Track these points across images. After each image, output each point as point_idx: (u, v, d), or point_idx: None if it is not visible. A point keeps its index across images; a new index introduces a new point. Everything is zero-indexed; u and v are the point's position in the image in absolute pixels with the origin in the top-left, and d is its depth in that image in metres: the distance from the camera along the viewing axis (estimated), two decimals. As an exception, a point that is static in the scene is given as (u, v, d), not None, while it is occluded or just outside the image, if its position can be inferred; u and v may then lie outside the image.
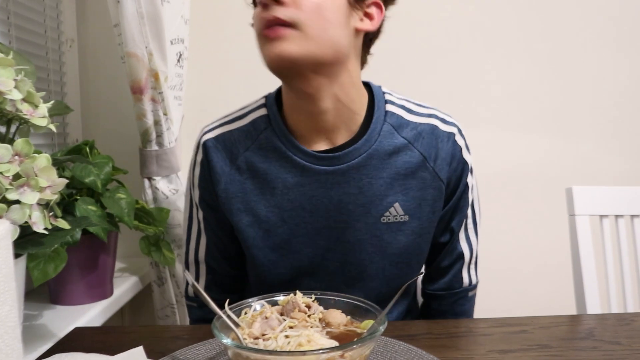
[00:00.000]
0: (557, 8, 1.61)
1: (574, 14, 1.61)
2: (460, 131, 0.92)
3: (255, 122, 0.90)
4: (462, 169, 0.91)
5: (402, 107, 0.91)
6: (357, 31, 0.83)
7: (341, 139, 0.88)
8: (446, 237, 0.96)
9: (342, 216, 0.87)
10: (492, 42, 1.61)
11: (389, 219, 0.87)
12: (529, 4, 1.60)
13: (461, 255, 0.96)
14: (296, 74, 0.80)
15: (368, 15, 0.84)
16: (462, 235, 0.95)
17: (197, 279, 0.98)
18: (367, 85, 0.92)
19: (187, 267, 1.00)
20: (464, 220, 0.95)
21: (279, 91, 0.93)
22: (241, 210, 0.89)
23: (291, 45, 0.76)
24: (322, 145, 0.88)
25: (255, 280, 0.95)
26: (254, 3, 0.83)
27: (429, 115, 0.90)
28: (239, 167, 0.89)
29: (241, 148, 0.89)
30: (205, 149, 0.91)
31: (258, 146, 0.89)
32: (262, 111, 0.91)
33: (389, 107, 0.89)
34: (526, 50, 1.61)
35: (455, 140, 0.90)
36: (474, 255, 0.97)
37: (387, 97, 0.91)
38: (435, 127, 0.89)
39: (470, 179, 0.93)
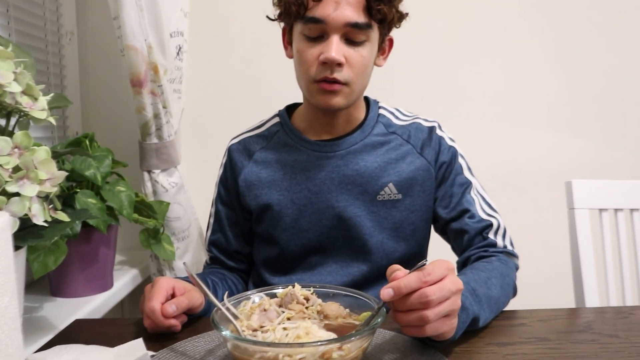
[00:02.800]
0: (557, 4, 1.60)
1: (574, 11, 1.60)
2: (440, 126, 1.07)
3: (269, 128, 1.09)
4: (449, 152, 1.04)
5: (392, 113, 1.08)
6: (374, 66, 1.01)
7: (341, 132, 1.04)
8: (460, 209, 1.01)
9: (342, 196, 1.00)
10: (492, 39, 1.60)
11: (384, 197, 1.00)
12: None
13: (483, 222, 1.00)
14: (335, 111, 1.00)
15: (382, 51, 1.02)
16: (477, 208, 1.01)
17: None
18: (365, 98, 1.09)
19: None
20: (469, 191, 1.02)
21: (288, 106, 1.12)
22: (258, 195, 1.04)
23: (341, 99, 0.95)
24: (325, 137, 1.04)
25: (272, 259, 1.06)
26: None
27: (413, 118, 1.08)
28: (256, 160, 1.06)
29: (258, 147, 1.07)
30: (229, 152, 1.10)
31: (272, 145, 1.06)
32: (275, 120, 1.10)
33: (381, 111, 1.08)
34: (525, 47, 1.61)
35: (437, 133, 1.05)
36: (500, 225, 1.01)
37: (380, 104, 1.09)
38: (419, 124, 1.06)
39: (460, 160, 1.05)
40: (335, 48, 0.90)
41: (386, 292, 0.62)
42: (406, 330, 0.66)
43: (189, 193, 1.42)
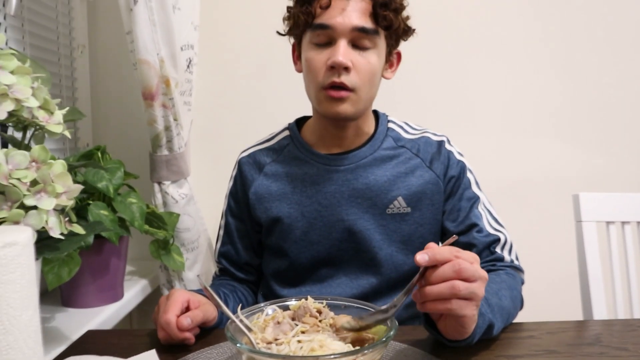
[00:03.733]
0: (562, 12, 1.61)
1: (580, 19, 1.62)
2: (449, 140, 1.08)
3: (280, 142, 1.10)
4: (458, 167, 1.05)
5: (401, 127, 1.09)
6: (381, 78, 1.02)
7: (351, 146, 1.05)
8: (468, 223, 1.02)
9: (352, 209, 1.01)
10: (498, 47, 1.62)
11: (393, 211, 1.01)
12: (534, 7, 1.61)
13: (491, 237, 1.01)
14: (343, 122, 1.00)
15: (390, 64, 1.04)
16: (485, 222, 1.03)
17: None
18: (374, 111, 1.10)
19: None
20: (477, 206, 1.04)
21: (298, 120, 1.13)
22: (268, 208, 1.05)
23: (348, 107, 0.95)
24: (335, 151, 1.05)
25: (282, 272, 1.06)
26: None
27: (422, 132, 1.08)
28: (266, 174, 1.07)
29: (268, 160, 1.08)
30: (240, 165, 1.11)
31: (282, 158, 1.07)
32: (285, 133, 1.11)
33: (390, 125, 1.08)
34: (533, 56, 1.62)
35: (446, 147, 1.06)
36: (507, 240, 1.02)
37: (389, 118, 1.10)
38: (428, 138, 1.07)
39: (469, 175, 1.06)
40: (343, 52, 0.92)
41: (421, 256, 0.64)
42: (431, 305, 0.65)
43: (199, 204, 1.43)
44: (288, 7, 1.01)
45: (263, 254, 1.12)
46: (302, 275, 1.05)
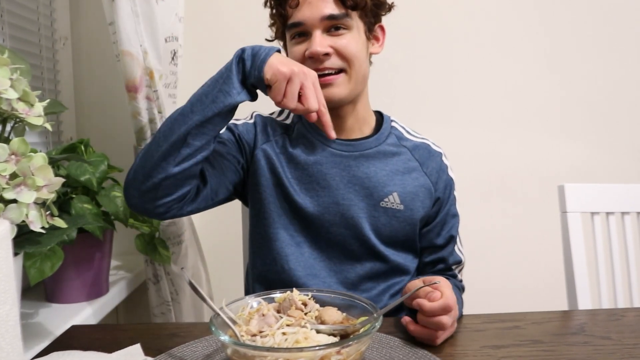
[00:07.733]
0: (551, 7, 1.62)
1: (568, 15, 1.62)
2: (445, 155, 1.12)
3: (292, 118, 1.10)
4: (449, 182, 1.09)
5: (403, 128, 1.12)
6: (370, 54, 1.05)
7: (355, 136, 1.07)
8: (446, 237, 1.08)
9: (349, 195, 1.02)
10: (485, 41, 1.62)
11: (387, 205, 1.02)
12: (522, 2, 1.62)
13: (457, 258, 1.10)
14: (339, 107, 1.02)
15: (376, 39, 1.07)
16: (458, 241, 1.11)
17: None
18: (377, 112, 1.13)
19: None
20: (457, 223, 1.10)
21: None
22: (267, 174, 1.03)
23: (340, 90, 0.98)
24: (341, 137, 1.06)
25: (263, 245, 1.04)
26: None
27: (423, 139, 1.11)
28: (275, 142, 1.06)
29: (278, 131, 1.07)
30: (255, 117, 1.09)
31: (290, 134, 1.07)
32: None
33: (394, 124, 1.11)
34: (518, 50, 1.63)
35: (442, 160, 1.10)
36: (464, 264, 1.12)
37: (392, 118, 1.12)
38: (428, 145, 1.10)
39: (455, 193, 1.11)
40: (318, 41, 0.96)
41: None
42: (417, 338, 0.77)
43: (184, 198, 1.41)
44: (270, 15, 1.05)
45: (225, 200, 1.05)
46: (288, 254, 1.02)
